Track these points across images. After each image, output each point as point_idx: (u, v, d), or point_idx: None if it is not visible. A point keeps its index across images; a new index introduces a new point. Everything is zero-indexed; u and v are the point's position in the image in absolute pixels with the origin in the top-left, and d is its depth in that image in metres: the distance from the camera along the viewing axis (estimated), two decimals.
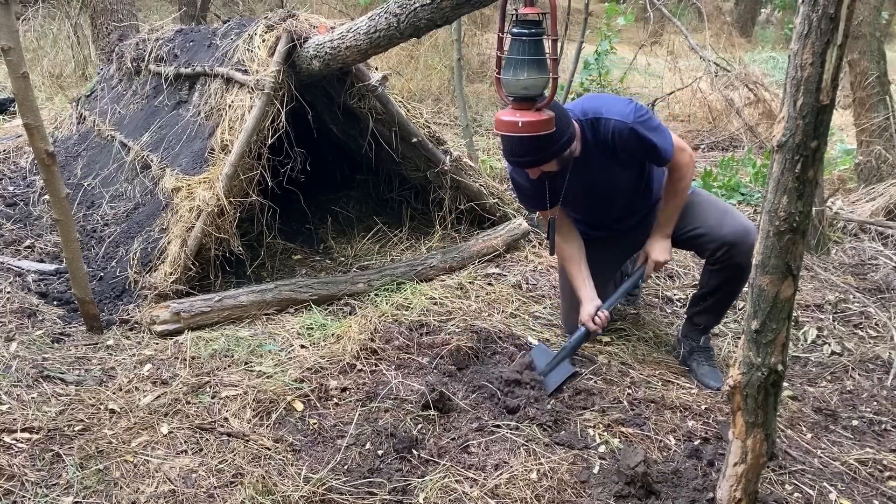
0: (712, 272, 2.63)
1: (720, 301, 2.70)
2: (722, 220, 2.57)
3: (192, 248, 3.01)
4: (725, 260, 2.55)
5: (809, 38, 1.43)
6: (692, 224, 2.63)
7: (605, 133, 2.46)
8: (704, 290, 2.71)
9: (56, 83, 7.29)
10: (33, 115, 2.53)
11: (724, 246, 2.53)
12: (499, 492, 2.01)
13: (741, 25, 13.76)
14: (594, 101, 2.55)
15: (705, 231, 2.59)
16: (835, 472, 2.18)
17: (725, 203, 2.74)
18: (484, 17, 9.27)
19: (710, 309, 2.72)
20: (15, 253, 3.57)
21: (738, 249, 2.51)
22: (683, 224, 2.65)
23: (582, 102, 2.58)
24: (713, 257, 2.59)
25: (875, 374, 2.78)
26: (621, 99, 2.55)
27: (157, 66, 4.24)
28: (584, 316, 2.68)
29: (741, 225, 2.53)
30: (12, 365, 2.51)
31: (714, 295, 2.68)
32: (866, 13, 4.29)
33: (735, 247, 2.50)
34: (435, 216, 3.86)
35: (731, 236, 2.51)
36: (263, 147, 3.12)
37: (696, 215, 2.64)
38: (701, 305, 2.73)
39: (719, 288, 2.65)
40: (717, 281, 2.63)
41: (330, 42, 2.96)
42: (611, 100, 2.56)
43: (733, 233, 2.51)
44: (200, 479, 2.01)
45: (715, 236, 2.56)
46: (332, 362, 2.64)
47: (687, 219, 2.65)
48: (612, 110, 2.46)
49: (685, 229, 2.65)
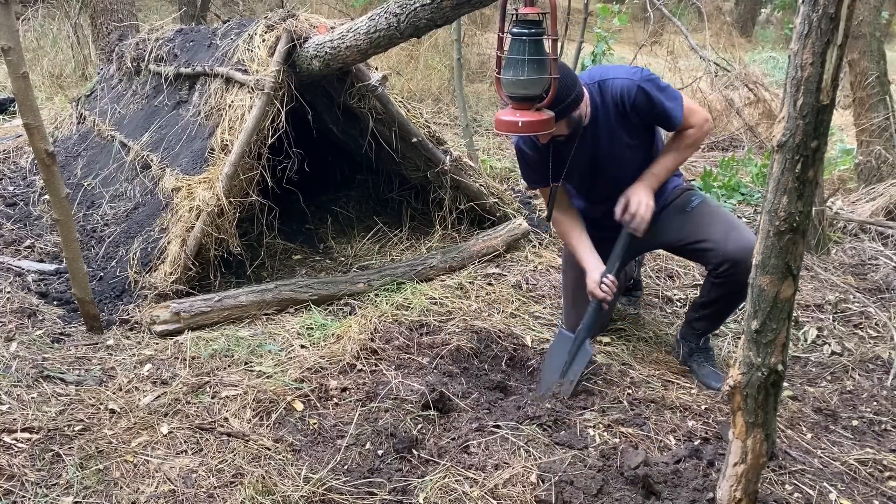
0: (714, 284, 2.61)
1: (719, 311, 2.69)
2: (728, 236, 2.52)
3: (192, 248, 3.01)
4: (728, 276, 2.52)
5: (809, 38, 1.43)
6: (698, 236, 2.60)
7: (612, 93, 2.45)
8: (704, 300, 2.69)
9: (56, 83, 7.29)
10: (33, 115, 2.53)
11: (726, 262, 2.50)
12: (499, 492, 2.01)
13: (741, 25, 13.76)
14: (600, 68, 2.58)
15: (711, 246, 2.55)
16: (835, 472, 2.18)
17: (734, 217, 2.70)
18: (484, 17, 9.27)
19: (709, 317, 2.71)
20: (15, 253, 3.57)
21: (741, 267, 2.46)
22: (689, 234, 2.62)
23: (588, 71, 2.59)
24: (716, 272, 2.57)
25: (875, 374, 2.78)
26: (631, 66, 2.57)
27: (157, 66, 4.24)
28: (591, 284, 2.62)
29: (747, 242, 2.47)
30: (12, 365, 2.51)
31: (713, 305, 2.67)
32: (866, 13, 4.29)
33: (738, 265, 2.46)
34: (435, 216, 3.86)
35: (735, 253, 2.47)
36: (263, 147, 3.12)
37: (703, 227, 2.60)
38: (700, 313, 2.72)
39: (719, 300, 2.64)
40: (717, 294, 2.62)
41: (330, 42, 2.96)
42: (617, 66, 2.56)
43: (738, 250, 2.46)
44: (200, 479, 2.01)
45: (719, 252, 2.52)
46: (332, 362, 2.64)
47: (693, 229, 2.61)
48: (618, 72, 2.49)
49: (690, 240, 2.62)
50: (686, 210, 2.67)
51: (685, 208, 2.67)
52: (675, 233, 2.67)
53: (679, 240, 2.67)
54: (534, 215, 4.18)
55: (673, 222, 2.68)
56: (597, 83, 2.48)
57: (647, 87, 2.42)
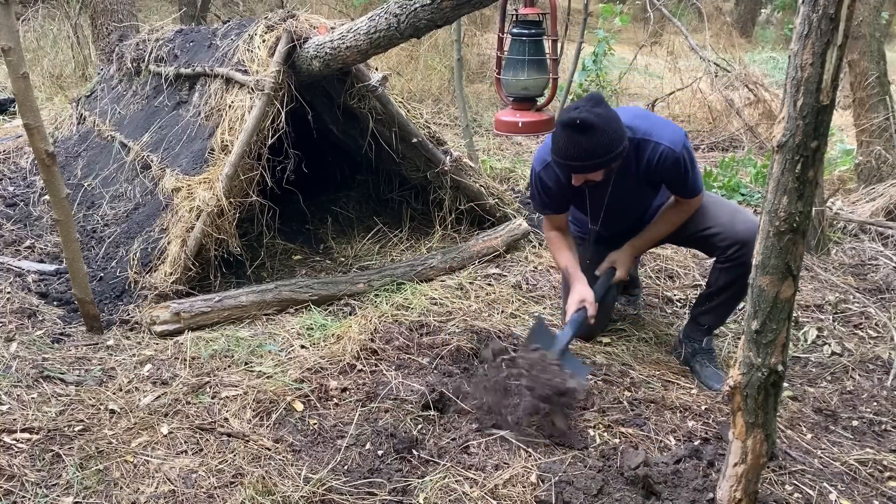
0: (722, 270, 2.63)
1: (726, 301, 2.70)
2: (734, 218, 2.59)
3: (192, 248, 3.01)
4: (737, 258, 2.55)
5: (809, 39, 1.43)
6: (705, 224, 2.64)
7: (652, 156, 2.46)
8: (711, 290, 2.71)
9: (56, 83, 7.29)
10: (33, 115, 2.53)
11: (737, 244, 2.54)
12: (499, 492, 2.01)
13: (741, 25, 13.76)
14: (645, 122, 2.52)
15: (719, 230, 2.59)
16: (835, 472, 2.18)
17: (736, 203, 2.76)
18: (484, 17, 9.28)
19: (716, 309, 2.72)
20: (15, 253, 3.57)
21: (750, 247, 2.48)
22: (695, 224, 2.66)
23: (633, 116, 2.53)
24: (724, 255, 2.60)
25: (875, 375, 2.78)
26: (671, 124, 2.56)
27: (157, 67, 4.24)
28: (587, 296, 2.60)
29: (753, 223, 2.54)
30: (12, 365, 2.51)
31: (721, 294, 2.67)
32: (866, 13, 4.29)
33: (747, 244, 2.49)
34: (435, 216, 3.86)
35: (744, 234, 2.52)
36: (263, 147, 3.12)
37: (707, 215, 2.65)
38: (706, 305, 2.73)
39: (727, 287, 2.64)
40: (725, 279, 2.63)
41: (330, 42, 2.96)
42: (661, 123, 2.55)
43: (746, 230, 2.51)
44: (200, 480, 2.01)
45: (728, 234, 2.57)
46: (332, 362, 2.64)
47: (698, 219, 2.65)
48: (663, 135, 2.46)
49: (698, 229, 2.66)
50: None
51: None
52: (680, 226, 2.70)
53: (685, 231, 2.70)
54: (534, 216, 4.18)
55: None
56: (638, 140, 2.46)
57: (685, 157, 2.45)
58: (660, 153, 2.45)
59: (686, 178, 2.52)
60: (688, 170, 2.49)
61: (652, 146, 2.46)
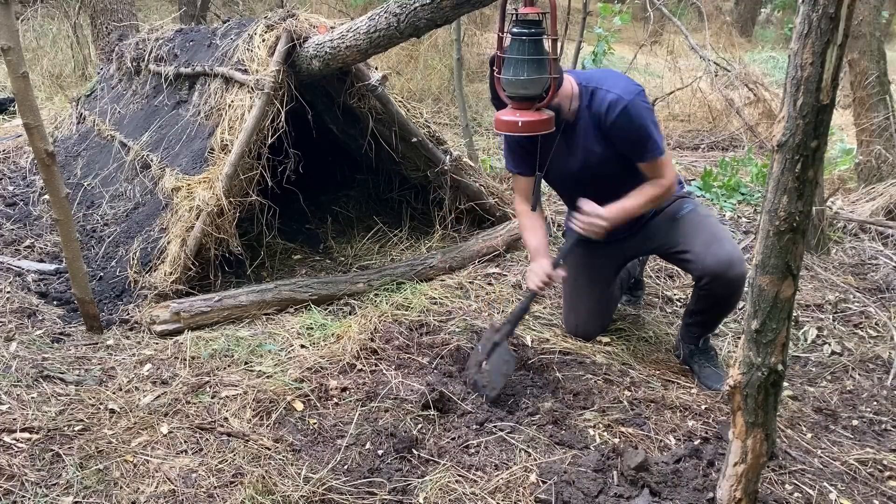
0: (699, 295, 2.61)
1: (708, 319, 2.69)
2: (708, 249, 2.50)
3: (192, 247, 3.01)
4: (708, 289, 2.53)
5: (809, 38, 1.43)
6: (682, 245, 2.59)
7: (601, 104, 2.38)
8: (692, 308, 2.69)
9: (56, 83, 7.29)
10: (33, 114, 2.53)
11: (705, 276, 2.50)
12: (499, 492, 2.01)
13: (741, 25, 13.76)
14: (600, 73, 2.50)
15: (692, 258, 2.55)
16: (835, 472, 2.18)
17: (720, 228, 2.65)
18: (484, 17, 9.27)
19: (701, 323, 2.71)
20: (15, 253, 3.57)
21: (718, 282, 2.48)
22: (675, 242, 2.62)
23: (591, 71, 2.55)
24: (697, 284, 2.59)
25: (875, 374, 2.78)
26: (632, 81, 2.48)
27: (157, 66, 4.24)
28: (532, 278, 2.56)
29: (727, 255, 2.46)
30: (12, 365, 2.51)
31: (701, 314, 2.66)
32: (866, 13, 4.29)
33: (716, 279, 2.47)
34: (435, 216, 3.86)
35: (713, 267, 2.46)
36: (263, 147, 3.12)
37: (688, 236, 2.58)
38: (692, 318, 2.72)
39: (705, 311, 2.64)
40: (702, 304, 2.62)
41: (330, 42, 2.95)
42: (617, 76, 2.48)
43: (716, 263, 2.45)
44: (200, 479, 2.01)
45: (698, 265, 2.52)
46: (332, 362, 2.64)
47: (678, 238, 2.61)
48: (615, 84, 2.40)
49: (675, 248, 2.62)
50: (676, 217, 2.66)
51: (675, 215, 2.66)
52: (663, 238, 2.67)
53: (666, 246, 2.67)
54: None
55: (661, 229, 2.68)
56: (591, 89, 2.42)
57: (637, 107, 2.35)
58: (608, 101, 2.36)
59: (640, 133, 2.38)
60: (642, 124, 2.37)
61: (602, 93, 2.38)
